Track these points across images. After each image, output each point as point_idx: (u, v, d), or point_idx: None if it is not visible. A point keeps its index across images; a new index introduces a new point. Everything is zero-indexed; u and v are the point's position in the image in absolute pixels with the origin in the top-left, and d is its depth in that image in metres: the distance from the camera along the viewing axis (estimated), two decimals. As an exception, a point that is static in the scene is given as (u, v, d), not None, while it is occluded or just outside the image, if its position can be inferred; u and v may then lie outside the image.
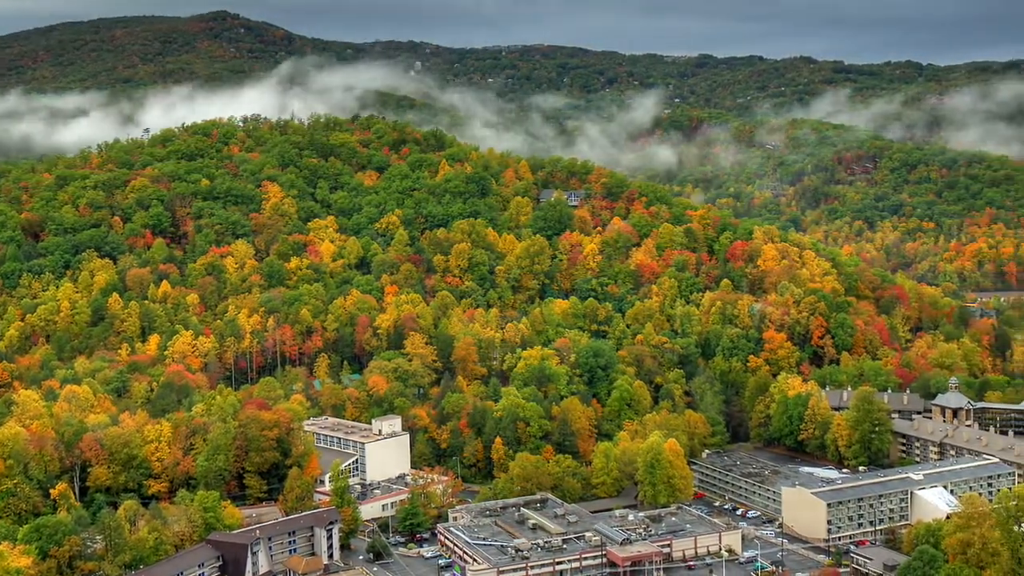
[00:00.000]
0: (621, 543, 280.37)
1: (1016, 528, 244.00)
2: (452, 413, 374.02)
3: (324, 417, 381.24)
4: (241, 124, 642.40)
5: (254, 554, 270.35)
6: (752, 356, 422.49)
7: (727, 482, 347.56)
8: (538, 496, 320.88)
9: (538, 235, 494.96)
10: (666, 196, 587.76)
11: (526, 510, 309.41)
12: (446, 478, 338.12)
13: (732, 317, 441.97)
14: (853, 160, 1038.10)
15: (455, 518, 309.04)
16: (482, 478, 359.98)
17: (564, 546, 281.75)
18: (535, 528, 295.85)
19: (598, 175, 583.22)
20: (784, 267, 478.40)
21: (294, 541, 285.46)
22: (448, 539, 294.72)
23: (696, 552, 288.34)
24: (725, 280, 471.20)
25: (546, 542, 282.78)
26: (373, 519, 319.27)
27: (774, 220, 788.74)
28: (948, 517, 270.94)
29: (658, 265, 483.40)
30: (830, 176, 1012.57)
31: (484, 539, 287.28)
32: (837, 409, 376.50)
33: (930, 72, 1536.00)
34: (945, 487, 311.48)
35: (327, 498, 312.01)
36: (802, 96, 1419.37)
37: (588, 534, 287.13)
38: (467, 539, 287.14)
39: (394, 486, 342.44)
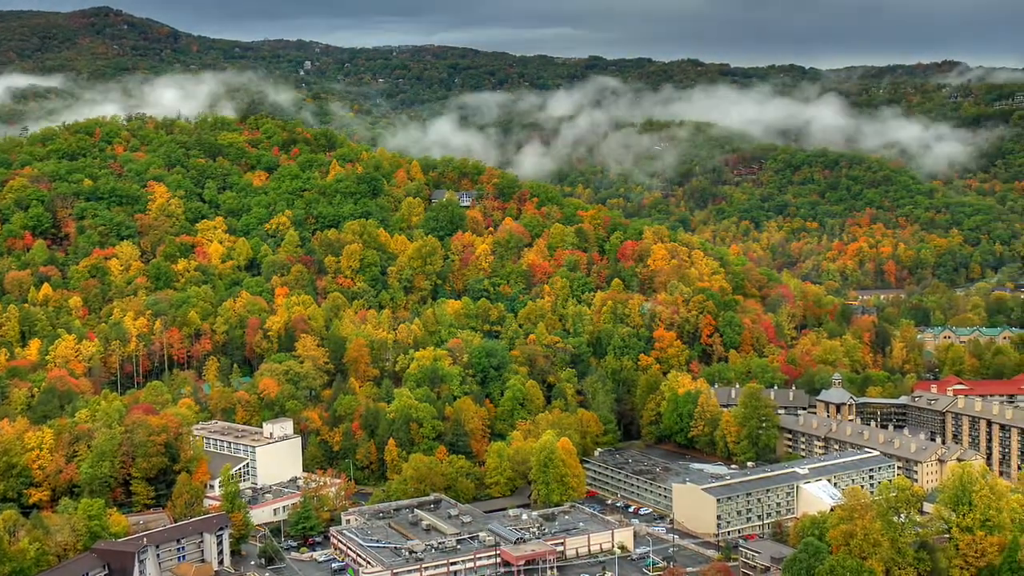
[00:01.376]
0: (515, 542, 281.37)
1: (896, 519, 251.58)
2: (344, 415, 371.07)
3: (213, 421, 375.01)
4: (125, 123, 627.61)
5: (141, 562, 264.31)
6: (643, 355, 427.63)
7: (619, 480, 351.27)
8: (431, 497, 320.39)
9: (430, 236, 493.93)
10: (557, 197, 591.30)
11: (420, 511, 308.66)
12: (339, 480, 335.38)
13: (623, 316, 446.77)
14: (739, 161, 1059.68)
15: (348, 521, 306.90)
16: (375, 480, 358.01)
17: (458, 547, 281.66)
18: (429, 529, 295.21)
19: (490, 176, 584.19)
20: (673, 266, 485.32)
21: (183, 548, 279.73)
22: (341, 542, 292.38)
23: (589, 550, 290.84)
24: (616, 280, 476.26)
25: (440, 543, 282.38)
26: (265, 524, 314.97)
27: (663, 220, 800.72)
28: (832, 509, 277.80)
29: (550, 265, 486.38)
30: (717, 177, 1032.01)
31: (377, 541, 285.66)
32: (726, 406, 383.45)
33: (812, 75, 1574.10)
34: (829, 480, 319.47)
35: (217, 503, 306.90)
36: (690, 98, 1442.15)
37: (482, 534, 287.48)
38: (360, 541, 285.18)
39: (286, 489, 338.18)
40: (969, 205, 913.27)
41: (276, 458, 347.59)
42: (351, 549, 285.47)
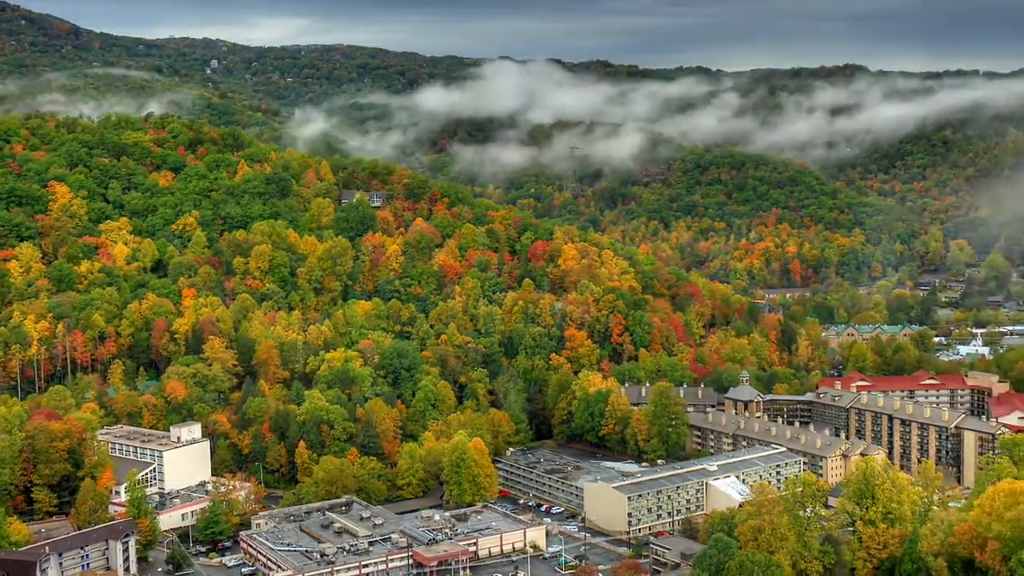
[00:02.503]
0: (427, 543, 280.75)
1: (802, 513, 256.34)
2: (254, 418, 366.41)
3: (119, 425, 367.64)
4: (24, 121, 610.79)
5: (43, 571, 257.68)
6: (554, 354, 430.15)
7: (531, 479, 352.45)
8: (343, 499, 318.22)
9: (340, 236, 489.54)
10: (468, 197, 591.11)
11: (331, 514, 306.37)
12: (248, 484, 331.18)
13: (534, 316, 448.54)
14: (648, 162, 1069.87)
15: (258, 525, 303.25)
16: (286, 483, 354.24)
17: (370, 548, 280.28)
18: (341, 532, 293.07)
19: (400, 176, 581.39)
20: (584, 266, 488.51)
21: (87, 556, 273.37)
22: (251, 546, 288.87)
23: (502, 549, 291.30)
24: (527, 279, 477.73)
25: (352, 545, 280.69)
26: (172, 529, 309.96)
27: (574, 220, 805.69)
28: (740, 505, 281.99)
29: (461, 265, 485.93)
30: (627, 177, 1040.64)
31: (288, 545, 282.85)
32: (636, 404, 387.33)
33: (718, 77, 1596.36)
34: (738, 477, 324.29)
35: (123, 509, 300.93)
36: (600, 98, 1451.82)
37: (394, 536, 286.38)
38: (271, 545, 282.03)
39: (194, 494, 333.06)
40: (870, 205, 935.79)
41: (184, 462, 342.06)
42: (261, 553, 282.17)
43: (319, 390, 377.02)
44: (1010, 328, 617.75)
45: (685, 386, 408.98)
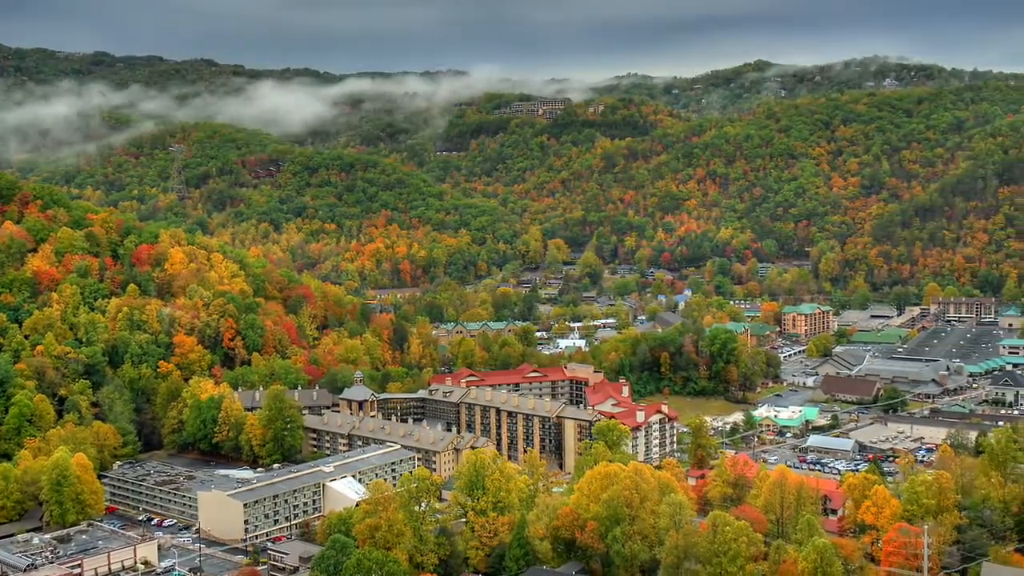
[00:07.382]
0: (25, 570, 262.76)
1: (417, 508, 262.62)
2: None
3: None
4: None
5: None
6: (163, 361, 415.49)
7: (141, 492, 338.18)
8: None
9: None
10: (64, 199, 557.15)
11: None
12: None
13: (140, 323, 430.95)
14: (257, 163, 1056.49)
15: None
16: None
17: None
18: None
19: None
20: (192, 270, 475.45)
21: None
22: None
23: (110, 569, 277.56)
24: (132, 285, 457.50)
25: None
26: None
27: (180, 223, 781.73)
28: (357, 504, 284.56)
29: (58, 271, 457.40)
30: (235, 179, 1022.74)
31: None
32: (250, 409, 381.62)
33: (327, 78, 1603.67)
34: (354, 476, 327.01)
35: None
36: (202, 97, 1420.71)
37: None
38: None
39: None
40: (475, 207, 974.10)
41: None
42: None
43: None
44: (603, 321, 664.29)
45: (300, 388, 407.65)
